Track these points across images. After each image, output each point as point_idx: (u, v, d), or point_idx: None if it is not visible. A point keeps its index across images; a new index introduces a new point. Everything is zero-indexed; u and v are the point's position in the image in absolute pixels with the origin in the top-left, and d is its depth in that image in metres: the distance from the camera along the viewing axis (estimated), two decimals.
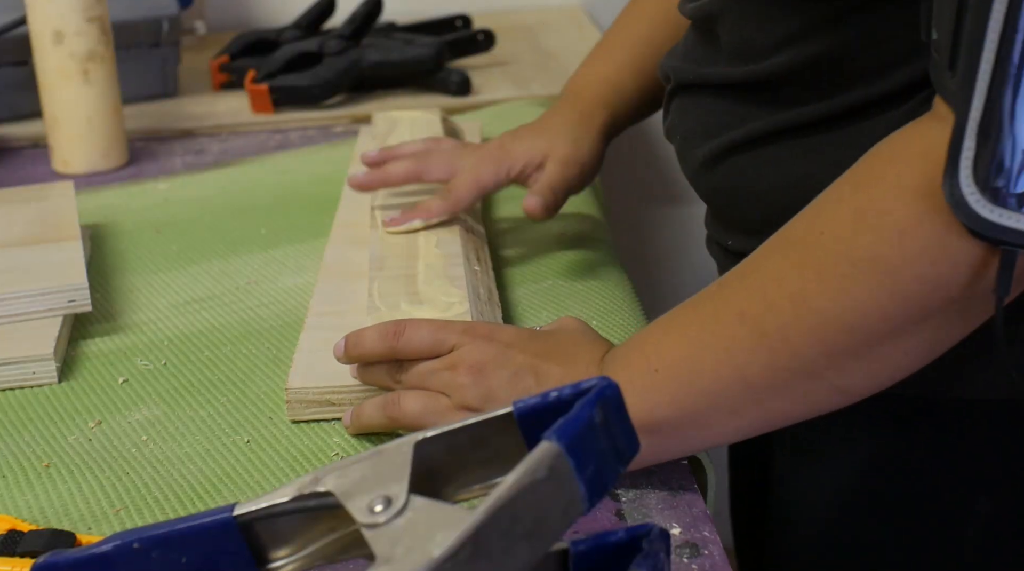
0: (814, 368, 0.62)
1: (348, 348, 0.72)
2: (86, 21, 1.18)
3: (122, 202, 1.15)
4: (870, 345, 0.61)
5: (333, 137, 1.32)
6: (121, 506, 0.68)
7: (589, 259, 0.97)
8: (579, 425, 0.45)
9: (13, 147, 1.31)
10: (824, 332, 0.61)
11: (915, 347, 0.61)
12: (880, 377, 0.63)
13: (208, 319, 0.90)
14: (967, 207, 0.55)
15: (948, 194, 0.55)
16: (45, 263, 0.89)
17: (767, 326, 0.62)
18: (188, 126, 1.35)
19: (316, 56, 1.39)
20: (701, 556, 0.62)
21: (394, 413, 0.70)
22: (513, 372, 0.68)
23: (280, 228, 1.07)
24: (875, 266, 0.59)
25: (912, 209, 0.58)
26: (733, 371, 0.63)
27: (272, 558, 0.51)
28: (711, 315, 0.64)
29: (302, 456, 0.72)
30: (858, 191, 0.61)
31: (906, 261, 0.58)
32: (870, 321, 0.60)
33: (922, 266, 0.58)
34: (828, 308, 0.60)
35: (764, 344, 0.62)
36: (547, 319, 0.86)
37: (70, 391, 0.81)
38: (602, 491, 0.45)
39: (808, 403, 0.64)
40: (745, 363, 0.62)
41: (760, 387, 0.63)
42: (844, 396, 0.64)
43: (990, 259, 0.57)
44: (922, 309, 0.59)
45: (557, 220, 1.04)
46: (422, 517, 0.44)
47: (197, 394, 0.79)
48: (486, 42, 1.50)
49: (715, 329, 0.64)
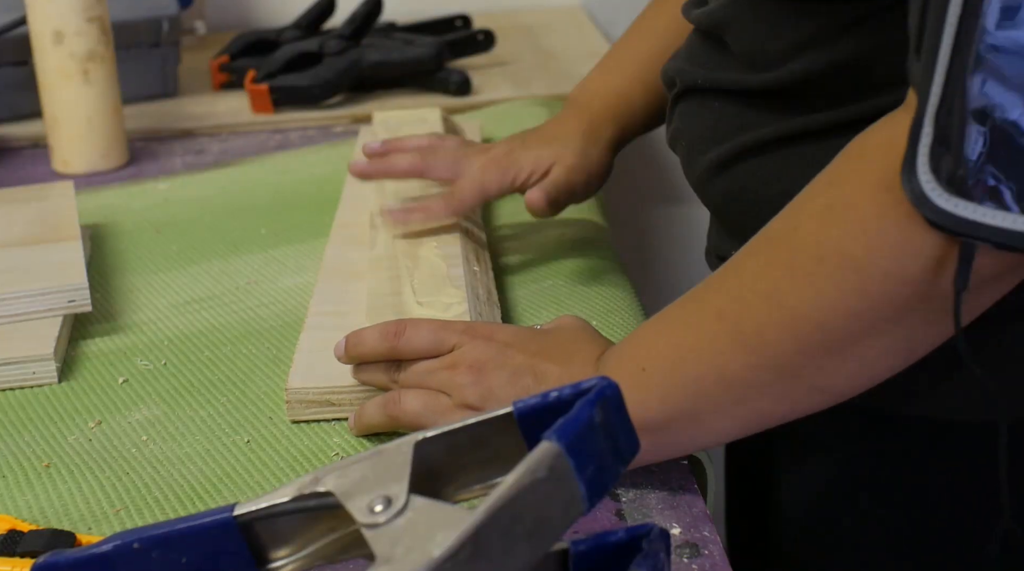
0: (791, 366, 0.61)
1: (348, 348, 0.72)
2: (86, 21, 1.18)
3: (122, 202, 1.15)
4: (844, 343, 0.60)
5: (333, 137, 1.32)
6: (121, 506, 0.68)
7: (589, 260, 0.97)
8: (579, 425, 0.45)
9: (13, 147, 1.31)
10: (797, 329, 0.60)
11: (891, 347, 0.61)
12: (860, 377, 0.62)
13: (208, 319, 0.90)
14: (925, 198, 0.54)
15: (907, 184, 0.54)
16: (45, 263, 0.89)
17: (743, 325, 0.62)
18: (188, 126, 1.35)
19: (316, 56, 1.39)
20: (701, 556, 0.62)
21: (394, 412, 0.70)
22: (512, 371, 0.68)
23: (280, 228, 1.07)
24: (842, 262, 0.58)
25: (876, 202, 0.57)
26: (713, 370, 0.63)
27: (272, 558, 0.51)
28: (694, 314, 0.65)
29: (302, 456, 0.72)
30: (830, 186, 0.61)
31: (871, 256, 0.57)
32: (840, 318, 0.59)
33: (886, 261, 0.57)
34: (799, 305, 0.60)
35: (741, 342, 0.62)
36: (547, 320, 0.86)
37: (70, 391, 0.81)
38: (602, 491, 0.45)
39: (790, 403, 0.64)
40: (724, 362, 0.62)
41: (740, 386, 0.62)
42: (825, 396, 0.63)
43: (953, 253, 0.56)
44: (891, 306, 0.58)
45: (557, 221, 1.05)
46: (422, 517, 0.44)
47: (197, 394, 0.80)
48: (486, 42, 1.50)
49: (697, 328, 0.64)
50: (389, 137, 1.14)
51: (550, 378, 0.68)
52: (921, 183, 0.54)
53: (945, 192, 0.53)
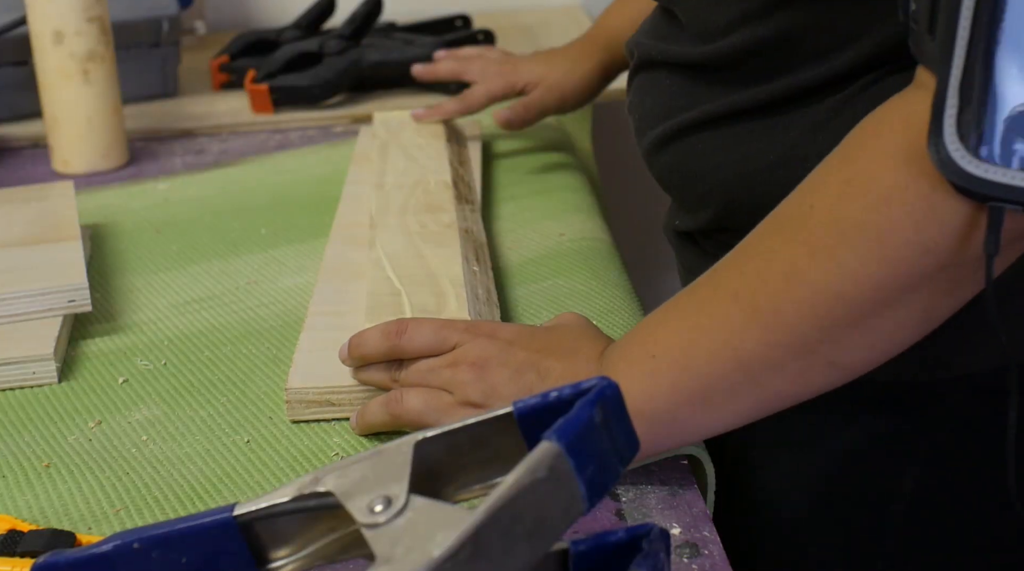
0: (808, 343, 0.62)
1: (351, 349, 0.73)
2: (86, 21, 1.18)
3: (122, 202, 1.15)
4: (863, 316, 0.61)
5: (333, 137, 1.32)
6: (121, 506, 0.68)
7: (589, 259, 0.97)
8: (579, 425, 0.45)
9: (13, 147, 1.31)
10: (816, 304, 0.61)
11: (908, 318, 0.61)
12: (875, 351, 0.63)
13: (208, 319, 0.90)
14: (953, 164, 0.55)
15: (934, 153, 0.55)
16: (45, 263, 0.89)
17: (760, 303, 0.62)
18: (188, 126, 1.35)
19: (316, 56, 1.39)
20: (701, 556, 0.62)
21: (396, 410, 0.70)
22: (515, 369, 0.68)
23: (280, 228, 1.07)
24: (863, 234, 0.59)
25: (897, 175, 0.58)
26: (729, 351, 0.63)
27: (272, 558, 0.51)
28: (706, 298, 0.65)
29: (302, 456, 0.72)
30: (845, 163, 0.61)
31: (893, 226, 0.58)
32: (861, 290, 0.60)
33: (909, 231, 0.58)
34: (819, 279, 0.60)
35: (757, 321, 0.62)
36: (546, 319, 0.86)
37: (70, 391, 0.81)
38: (602, 491, 0.45)
39: (805, 381, 0.64)
40: (740, 342, 0.62)
41: (756, 366, 0.63)
42: (841, 372, 0.64)
43: (977, 220, 0.57)
44: (912, 276, 0.59)
45: (557, 220, 1.05)
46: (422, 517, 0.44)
47: (197, 394, 0.80)
48: (486, 42, 1.50)
49: (710, 311, 0.64)
50: (389, 137, 1.15)
51: (553, 375, 0.68)
52: (949, 151, 0.55)
53: (974, 158, 0.54)
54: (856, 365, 0.64)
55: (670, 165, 0.83)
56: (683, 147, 0.81)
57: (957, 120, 0.55)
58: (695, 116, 0.79)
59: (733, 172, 0.77)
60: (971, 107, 0.54)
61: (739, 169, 0.77)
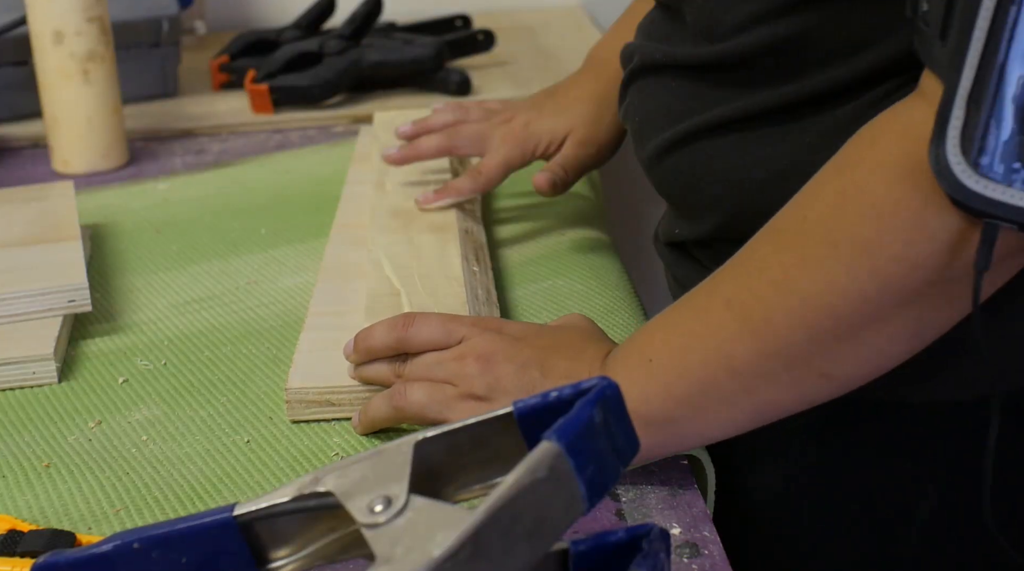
0: (799, 353, 0.62)
1: (358, 342, 0.73)
2: (86, 21, 1.18)
3: (122, 202, 1.15)
4: (852, 328, 0.60)
5: (333, 137, 1.32)
6: (121, 506, 0.68)
7: (589, 259, 0.97)
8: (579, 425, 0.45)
9: (13, 147, 1.31)
10: (806, 315, 0.61)
11: (899, 333, 0.61)
12: (867, 365, 0.63)
13: (208, 319, 0.90)
14: (951, 176, 0.54)
15: (933, 162, 0.54)
16: (45, 263, 0.89)
17: (752, 312, 0.62)
18: (188, 126, 1.35)
19: (316, 56, 1.39)
20: (701, 556, 0.62)
21: (400, 403, 0.70)
22: (520, 364, 0.68)
23: (280, 228, 1.07)
24: (853, 247, 0.59)
25: (890, 189, 0.58)
26: (722, 358, 0.63)
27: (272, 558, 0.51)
28: (702, 304, 0.65)
29: (302, 456, 0.72)
30: (840, 173, 0.61)
31: (884, 240, 0.58)
32: (851, 303, 0.60)
33: (899, 246, 0.58)
34: (809, 290, 0.60)
35: (749, 329, 0.62)
36: (546, 319, 0.86)
37: (70, 391, 0.81)
38: (602, 491, 0.45)
39: (798, 392, 0.64)
40: (732, 349, 0.62)
41: (748, 374, 0.63)
42: (833, 384, 0.63)
43: (968, 236, 0.56)
44: (902, 290, 0.59)
45: (557, 220, 1.05)
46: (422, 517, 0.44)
47: (197, 394, 0.80)
48: (486, 42, 1.50)
49: (704, 318, 0.64)
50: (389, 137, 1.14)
51: (558, 372, 0.68)
52: (950, 162, 0.54)
53: (975, 173, 0.54)
54: (850, 378, 0.63)
55: (675, 170, 0.81)
56: (691, 152, 0.79)
57: (961, 132, 0.54)
58: (707, 119, 0.77)
59: (743, 178, 0.75)
60: (978, 120, 0.53)
61: (749, 175, 0.75)
